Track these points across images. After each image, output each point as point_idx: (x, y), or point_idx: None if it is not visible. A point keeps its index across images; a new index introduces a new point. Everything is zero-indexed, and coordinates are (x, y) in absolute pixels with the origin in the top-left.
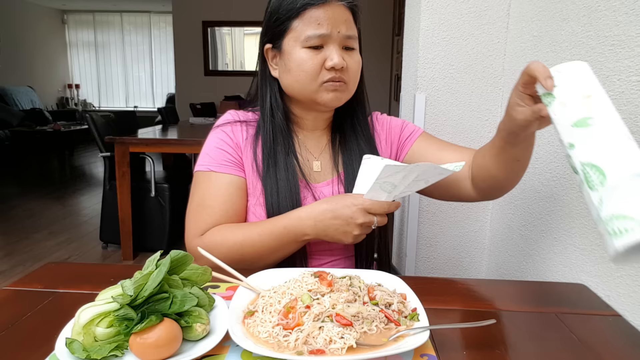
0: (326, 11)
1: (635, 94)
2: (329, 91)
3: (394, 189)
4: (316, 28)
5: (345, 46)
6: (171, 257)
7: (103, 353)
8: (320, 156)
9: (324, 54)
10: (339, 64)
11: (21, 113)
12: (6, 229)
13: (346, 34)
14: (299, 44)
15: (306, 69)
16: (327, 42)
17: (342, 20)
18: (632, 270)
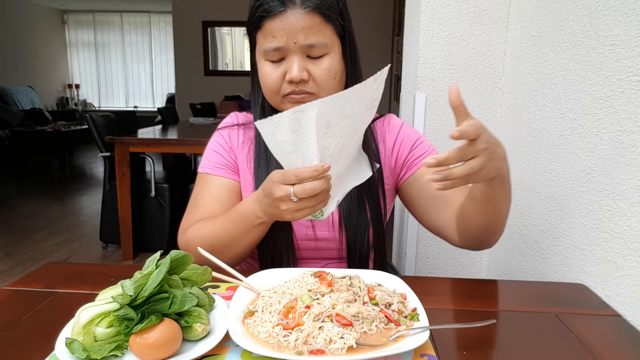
0: (281, 21)
1: (635, 94)
2: (292, 104)
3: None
4: (271, 41)
5: (309, 55)
6: (171, 257)
7: (103, 353)
8: None
9: (285, 66)
10: (296, 77)
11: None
12: (6, 229)
13: (305, 44)
14: (262, 56)
15: (267, 83)
16: (286, 53)
17: (298, 29)
18: (632, 270)
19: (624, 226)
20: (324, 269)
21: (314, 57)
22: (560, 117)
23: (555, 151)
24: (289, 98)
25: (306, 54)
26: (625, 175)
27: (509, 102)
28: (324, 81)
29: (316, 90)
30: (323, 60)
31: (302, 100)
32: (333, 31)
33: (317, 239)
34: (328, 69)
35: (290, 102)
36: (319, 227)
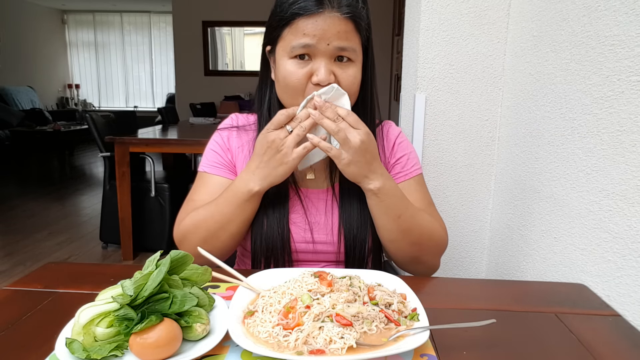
0: (316, 21)
1: (635, 94)
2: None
3: None
4: (301, 38)
5: (337, 59)
6: (171, 257)
7: (103, 353)
8: (316, 165)
9: (312, 67)
10: (324, 79)
11: (21, 113)
12: (6, 229)
13: (337, 46)
14: (286, 54)
15: (290, 83)
16: (314, 54)
17: (334, 32)
18: (632, 270)
19: (624, 226)
20: (324, 269)
21: (341, 62)
22: (560, 117)
23: (555, 151)
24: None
25: (334, 58)
26: (625, 175)
27: (509, 102)
28: (349, 87)
29: None
30: (349, 67)
31: None
32: (360, 42)
33: (314, 242)
34: (353, 76)
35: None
36: (317, 230)
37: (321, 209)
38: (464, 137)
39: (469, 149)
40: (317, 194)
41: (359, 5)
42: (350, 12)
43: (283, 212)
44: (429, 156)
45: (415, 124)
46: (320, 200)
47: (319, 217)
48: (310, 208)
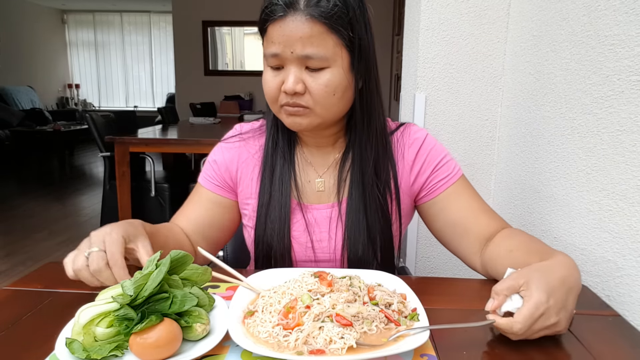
0: (281, 27)
1: (635, 94)
2: (287, 115)
3: None
4: (270, 47)
5: (308, 67)
6: (171, 257)
7: (103, 353)
8: (325, 174)
9: (283, 76)
10: (289, 89)
11: (21, 113)
12: (6, 228)
13: (302, 54)
14: (265, 61)
15: (266, 91)
16: (284, 62)
17: (296, 37)
18: (632, 270)
19: (624, 226)
20: (324, 269)
21: (312, 69)
22: (560, 117)
23: (555, 151)
24: (284, 109)
25: (304, 65)
26: (625, 175)
27: (508, 101)
28: (321, 96)
29: (312, 104)
30: (322, 74)
31: (296, 114)
32: (338, 43)
33: (316, 261)
34: (325, 84)
35: (285, 114)
36: (320, 249)
37: (324, 227)
38: (464, 137)
39: (469, 149)
40: (322, 212)
41: (329, 3)
42: (317, 13)
43: (285, 227)
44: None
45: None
46: (324, 218)
47: (322, 235)
48: (313, 226)
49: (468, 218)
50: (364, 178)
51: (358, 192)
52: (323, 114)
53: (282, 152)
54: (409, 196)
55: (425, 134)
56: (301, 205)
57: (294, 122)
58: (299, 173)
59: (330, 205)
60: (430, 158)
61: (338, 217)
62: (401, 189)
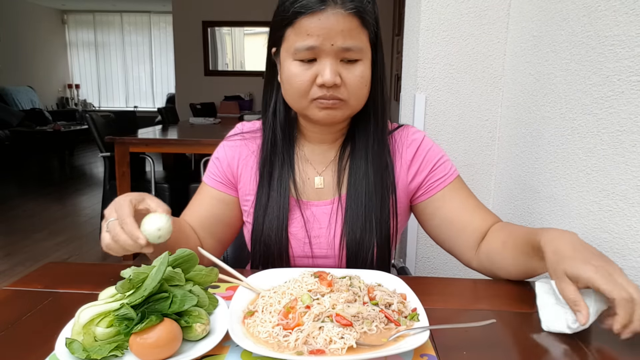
0: (319, 20)
1: (635, 94)
2: (320, 109)
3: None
4: (305, 39)
5: (344, 59)
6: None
7: (103, 353)
8: (325, 172)
9: (317, 69)
10: (329, 81)
11: (21, 113)
12: (6, 228)
13: (343, 46)
14: (290, 55)
15: (295, 85)
16: (319, 55)
17: (337, 30)
18: (632, 271)
19: (624, 226)
20: (324, 269)
21: (347, 61)
22: (560, 117)
23: (555, 151)
24: (317, 102)
25: (340, 58)
26: (625, 176)
27: (509, 102)
28: (357, 87)
29: (347, 96)
30: (357, 66)
31: (333, 107)
32: (367, 37)
33: (313, 257)
34: (361, 76)
35: (319, 107)
36: (317, 245)
37: (324, 223)
38: (464, 137)
39: (469, 149)
40: (321, 208)
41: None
42: (354, 7)
43: (282, 226)
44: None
45: (415, 124)
46: (323, 215)
47: (320, 231)
48: (312, 222)
49: (465, 215)
50: (366, 171)
51: (358, 184)
52: (355, 105)
53: (281, 151)
54: (406, 195)
55: (423, 135)
56: (300, 203)
57: (328, 115)
58: (297, 172)
59: (330, 202)
60: (428, 158)
61: (338, 210)
62: (398, 187)
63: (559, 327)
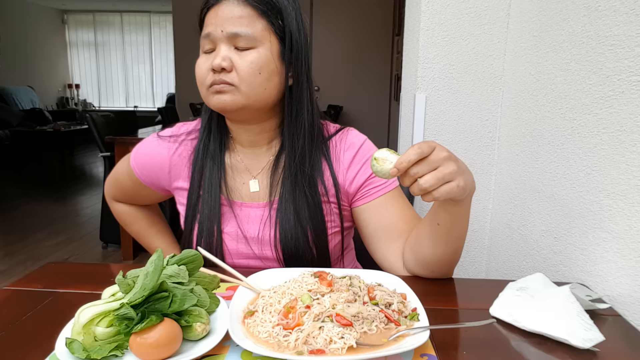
0: (215, 12)
1: (635, 94)
2: (213, 93)
3: None
4: (204, 30)
5: (237, 46)
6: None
7: (103, 353)
8: (260, 175)
9: (213, 56)
10: (216, 65)
11: (21, 113)
12: (6, 228)
13: (231, 31)
14: (201, 49)
15: (198, 74)
16: (215, 43)
17: (228, 17)
18: (632, 270)
19: (624, 226)
20: (324, 269)
21: (240, 48)
22: (561, 117)
23: (555, 151)
24: (211, 89)
25: (234, 45)
26: (625, 175)
27: (509, 102)
28: (246, 73)
29: (237, 82)
30: (249, 53)
31: (222, 90)
32: (267, 27)
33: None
34: (251, 61)
35: (212, 93)
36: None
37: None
38: (464, 137)
39: (469, 149)
40: (254, 210)
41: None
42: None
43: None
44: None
45: (415, 124)
46: (257, 217)
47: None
48: (246, 223)
49: (401, 224)
50: (295, 176)
51: (288, 191)
52: (248, 92)
53: (212, 155)
54: (346, 197)
55: (364, 139)
56: (232, 203)
57: (219, 100)
58: (231, 175)
59: (263, 205)
60: (367, 165)
61: (268, 216)
62: (340, 186)
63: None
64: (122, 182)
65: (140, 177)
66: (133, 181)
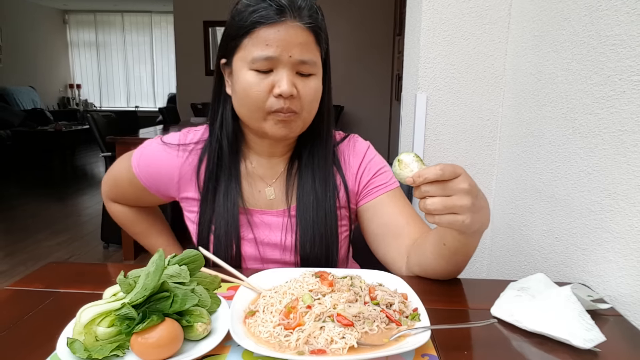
0: (278, 31)
1: (637, 94)
2: (276, 122)
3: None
4: (263, 49)
5: (299, 72)
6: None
7: (104, 353)
8: (275, 184)
9: (273, 79)
10: (287, 91)
11: (22, 113)
12: (7, 228)
13: (299, 59)
14: (246, 65)
15: (251, 95)
16: (276, 65)
17: (296, 42)
18: (633, 270)
19: (625, 226)
20: (324, 269)
21: (303, 75)
22: (562, 117)
23: (556, 151)
24: (275, 115)
25: (296, 71)
26: (626, 175)
27: (510, 101)
28: (310, 101)
29: (300, 109)
30: (311, 80)
31: (288, 119)
32: (319, 54)
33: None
34: (314, 89)
35: (275, 121)
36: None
37: (277, 231)
38: (465, 137)
39: (470, 149)
40: (272, 218)
41: (319, 16)
42: (312, 22)
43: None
44: (430, 156)
45: (416, 123)
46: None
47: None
48: (263, 229)
49: (400, 221)
50: (313, 184)
51: (306, 199)
52: (307, 119)
53: (227, 165)
54: (354, 200)
55: (367, 145)
56: (249, 211)
57: (284, 129)
58: (246, 184)
59: (281, 212)
60: (372, 166)
61: (288, 223)
62: (349, 193)
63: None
64: (121, 185)
65: (145, 183)
66: (134, 185)
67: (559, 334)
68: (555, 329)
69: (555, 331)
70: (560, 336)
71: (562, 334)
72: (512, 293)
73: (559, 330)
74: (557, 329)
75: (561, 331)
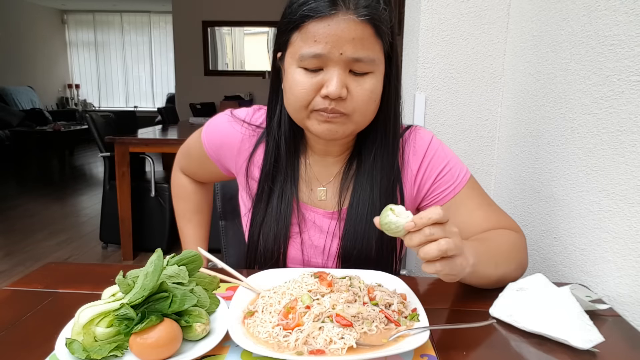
0: (329, 26)
1: (635, 94)
2: (320, 122)
3: None
4: (311, 46)
5: (352, 70)
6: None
7: (103, 353)
8: (328, 185)
9: (322, 78)
10: (334, 93)
11: (21, 113)
12: (6, 229)
13: (352, 57)
14: (295, 61)
15: (296, 93)
16: (326, 63)
17: (348, 38)
18: (632, 270)
19: (623, 226)
20: (324, 269)
21: (357, 73)
22: (560, 117)
23: (555, 151)
24: (317, 114)
25: (349, 69)
26: (625, 175)
27: (509, 102)
28: (363, 102)
29: (351, 111)
30: (367, 79)
31: (333, 120)
32: (381, 48)
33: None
34: (370, 90)
35: (318, 120)
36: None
37: (322, 233)
38: (464, 137)
39: (469, 149)
40: (321, 217)
41: (379, 5)
42: (368, 14)
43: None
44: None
45: (415, 123)
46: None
47: (318, 241)
48: (311, 229)
49: (473, 223)
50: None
51: (361, 204)
52: (359, 121)
53: (284, 167)
54: (413, 205)
55: (430, 138)
56: (300, 205)
57: (328, 129)
58: (301, 184)
59: (330, 213)
60: (433, 166)
61: (339, 221)
62: (405, 198)
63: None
64: (192, 152)
65: (208, 151)
66: (199, 152)
67: (558, 334)
68: (554, 330)
69: (554, 331)
70: (559, 336)
71: (561, 334)
72: (510, 293)
73: (557, 331)
74: (555, 330)
75: (560, 331)
